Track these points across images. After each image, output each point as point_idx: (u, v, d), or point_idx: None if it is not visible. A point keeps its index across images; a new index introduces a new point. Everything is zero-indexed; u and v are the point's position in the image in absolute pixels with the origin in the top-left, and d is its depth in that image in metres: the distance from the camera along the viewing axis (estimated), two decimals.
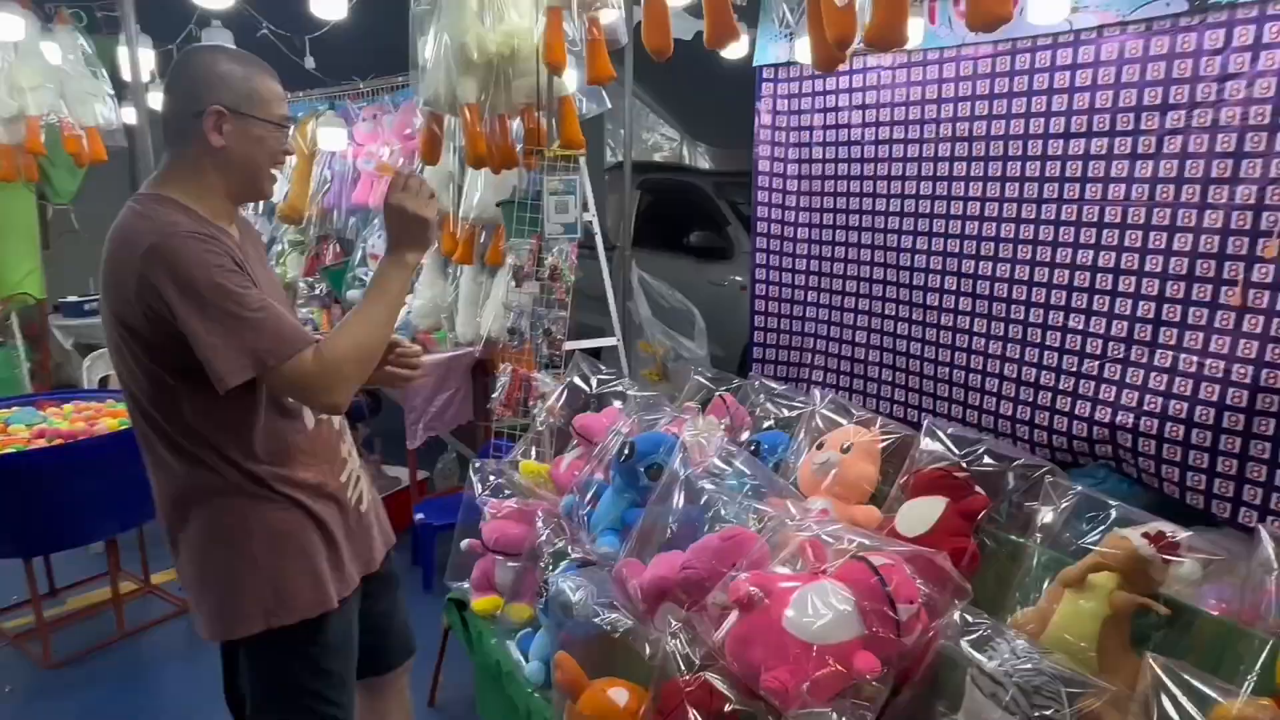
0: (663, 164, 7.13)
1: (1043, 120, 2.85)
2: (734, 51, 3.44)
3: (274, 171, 1.55)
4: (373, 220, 4.23)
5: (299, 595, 1.53)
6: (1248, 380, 2.36)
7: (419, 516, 3.32)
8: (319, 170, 4.48)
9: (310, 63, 3.89)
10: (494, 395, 2.74)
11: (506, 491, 2.43)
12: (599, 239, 3.31)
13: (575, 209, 2.62)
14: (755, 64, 3.70)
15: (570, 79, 2.82)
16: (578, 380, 2.49)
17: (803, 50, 3.29)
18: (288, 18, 3.72)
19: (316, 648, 1.58)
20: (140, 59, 2.78)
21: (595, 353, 3.09)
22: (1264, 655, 1.26)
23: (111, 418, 3.22)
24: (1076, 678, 1.29)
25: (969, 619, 1.44)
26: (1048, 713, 1.26)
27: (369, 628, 1.77)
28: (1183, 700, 1.14)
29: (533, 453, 2.53)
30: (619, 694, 1.70)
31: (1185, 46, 2.44)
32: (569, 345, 2.84)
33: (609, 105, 3.18)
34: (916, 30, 2.83)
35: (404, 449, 3.68)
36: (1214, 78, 2.39)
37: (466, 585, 2.44)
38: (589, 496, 2.18)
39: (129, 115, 3.77)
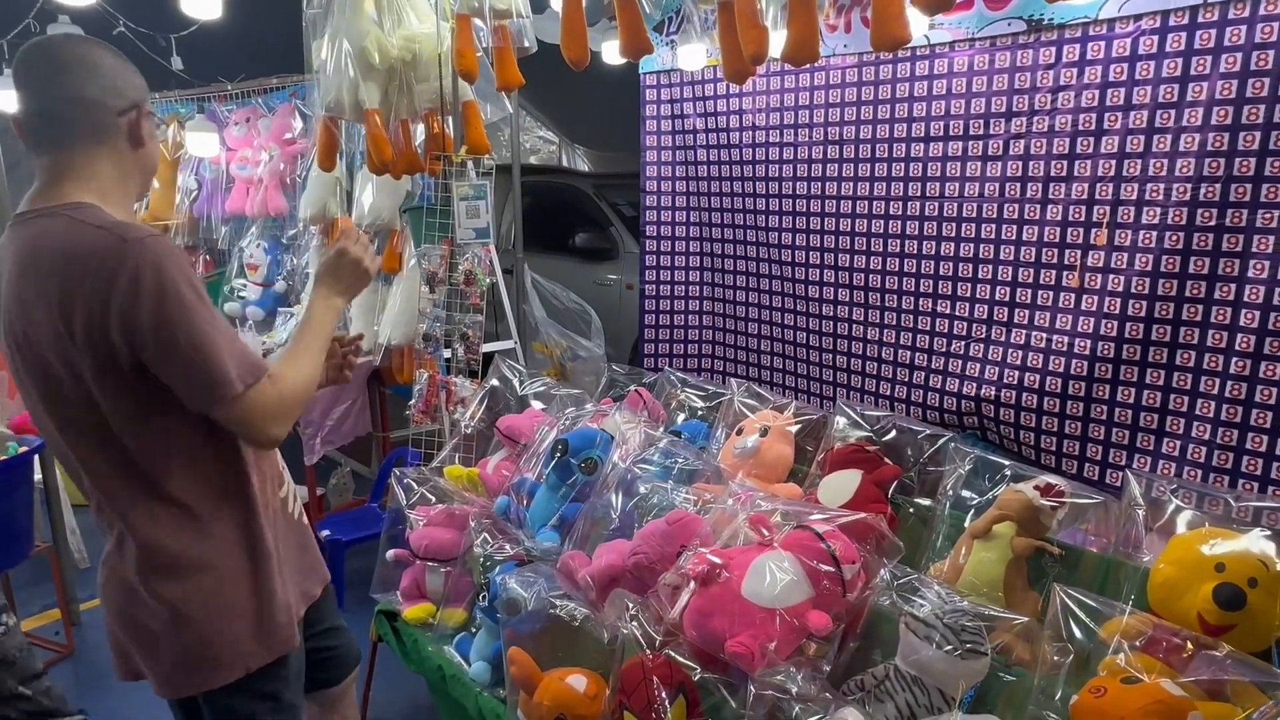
0: (541, 167, 7.17)
1: (904, 124, 3.14)
2: (613, 57, 3.56)
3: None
4: (249, 229, 4.04)
5: (276, 633, 1.48)
6: (1087, 352, 2.72)
7: (325, 533, 3.23)
8: (184, 177, 4.21)
9: (178, 63, 3.66)
10: (410, 403, 2.72)
11: (432, 499, 2.43)
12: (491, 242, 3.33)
13: (486, 214, 2.64)
14: (641, 70, 3.83)
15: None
16: (498, 383, 2.53)
17: (685, 58, 3.46)
18: (151, 15, 3.48)
19: (280, 683, 1.53)
20: None
21: (488, 356, 3.12)
22: (1138, 579, 1.51)
23: None
24: (993, 615, 1.50)
25: (897, 574, 1.63)
26: (972, 646, 1.45)
27: (319, 641, 1.75)
28: (1085, 619, 1.35)
29: (455, 458, 2.54)
30: (578, 681, 1.78)
31: (1024, 61, 2.78)
32: (487, 348, 2.87)
33: (510, 110, 3.21)
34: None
35: (296, 467, 3.55)
36: (1048, 89, 2.73)
37: (395, 596, 2.43)
38: (522, 495, 2.23)
39: None
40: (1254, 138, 2.27)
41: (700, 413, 2.52)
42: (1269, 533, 1.44)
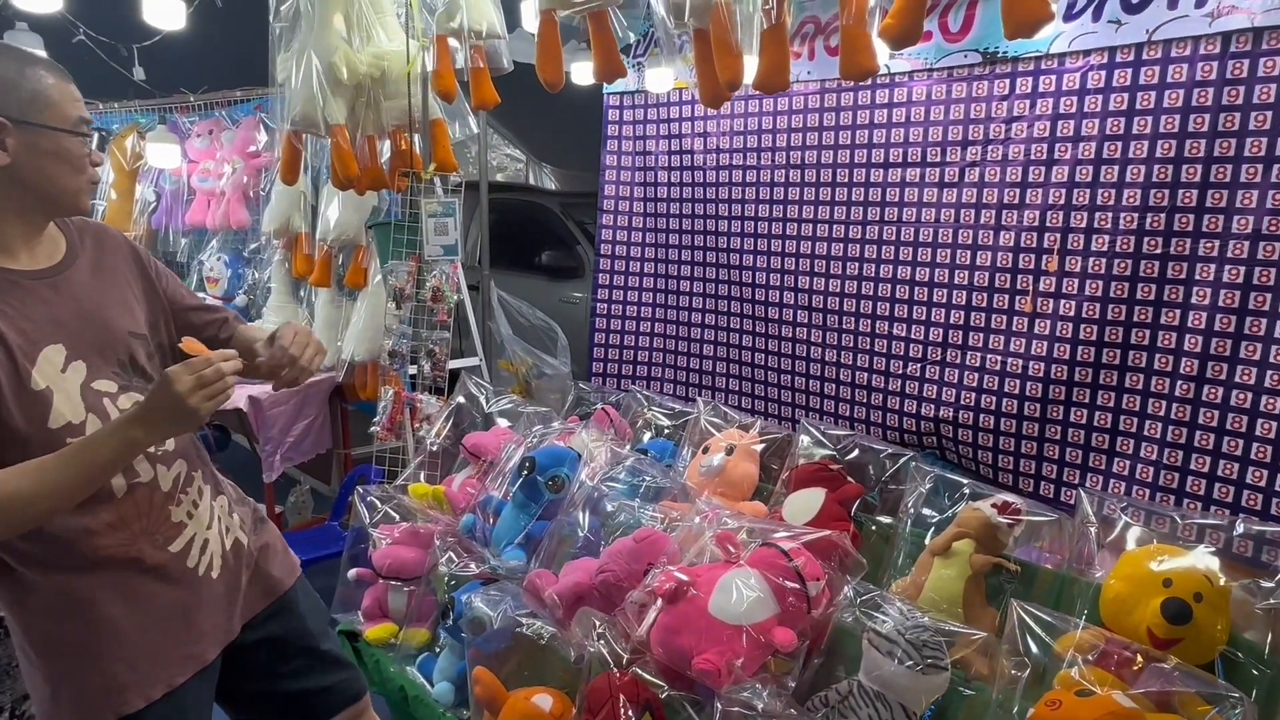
0: (508, 184, 7.17)
1: (864, 150, 3.22)
2: (583, 77, 3.60)
3: (84, 182, 1.32)
4: (209, 242, 3.97)
5: (83, 698, 1.32)
6: (1041, 374, 2.81)
7: None
8: (143, 188, 4.14)
9: (140, 73, 3.60)
10: (375, 420, 2.70)
11: (396, 517, 2.41)
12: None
13: (455, 230, 2.64)
14: (605, 91, 3.87)
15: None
16: (464, 400, 2.52)
17: (653, 80, 3.51)
18: (113, 25, 3.43)
19: None
20: None
21: (454, 373, 3.11)
22: (1090, 595, 1.56)
23: None
24: (953, 630, 1.54)
25: (860, 591, 1.66)
26: (933, 662, 1.48)
27: (274, 694, 1.64)
28: (1041, 634, 1.40)
29: (420, 476, 2.52)
30: (543, 700, 1.77)
31: (979, 92, 2.87)
32: (453, 365, 2.86)
33: (477, 130, 3.22)
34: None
35: (255, 485, 3.49)
36: (1002, 119, 2.83)
37: (357, 616, 2.40)
38: (488, 513, 2.22)
39: None
40: (1196, 170, 2.37)
41: (667, 431, 2.54)
42: (1212, 549, 1.50)
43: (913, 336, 3.18)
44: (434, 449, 2.45)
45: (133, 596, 1.36)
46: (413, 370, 2.85)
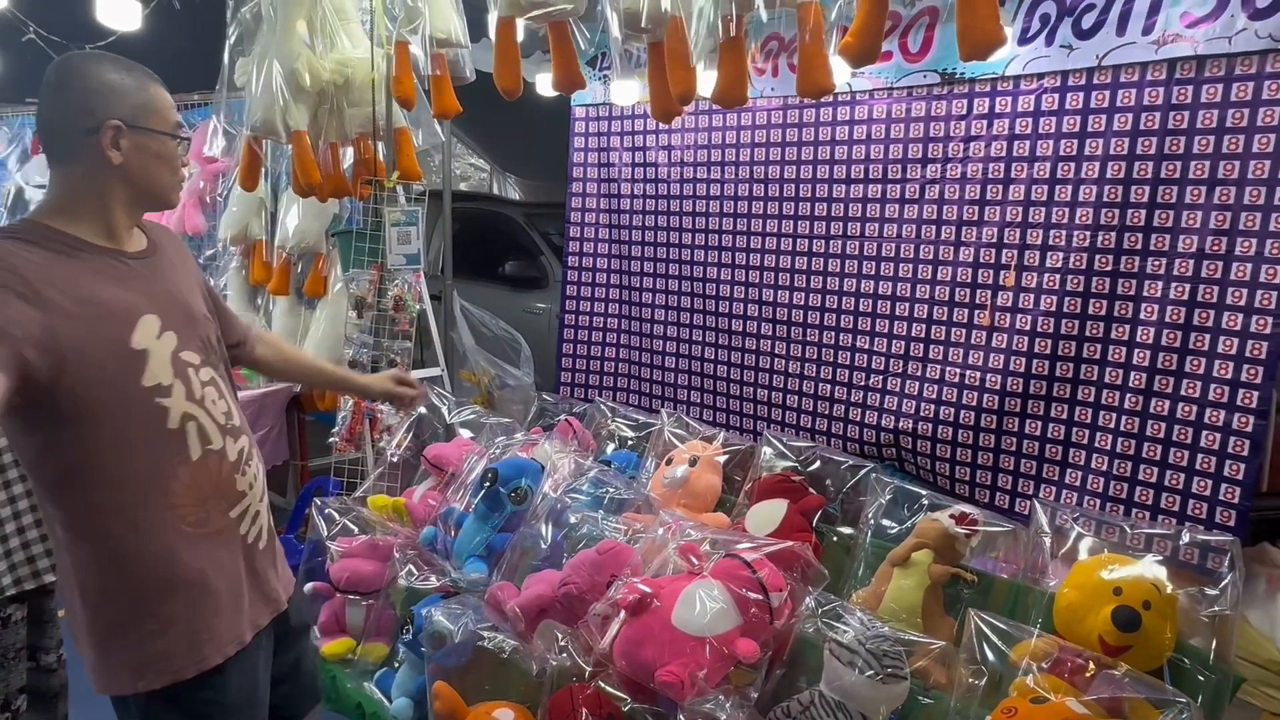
0: (472, 194, 7.13)
1: (826, 166, 3.27)
2: (547, 88, 3.60)
3: (178, 181, 1.51)
4: None
5: (172, 655, 1.42)
6: (997, 387, 2.87)
7: None
8: None
9: None
10: (334, 430, 2.66)
11: (354, 529, 2.38)
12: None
13: (417, 239, 2.62)
14: (572, 103, 3.88)
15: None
16: (425, 411, 2.49)
17: (619, 93, 3.53)
18: (66, 24, 3.33)
19: (211, 706, 1.46)
20: None
21: None
22: (1045, 604, 1.60)
23: None
24: (913, 640, 1.56)
25: (821, 601, 1.67)
26: (893, 671, 1.50)
27: (277, 677, 1.66)
28: (997, 642, 1.42)
29: (380, 488, 2.49)
30: (505, 715, 1.76)
31: (938, 112, 2.94)
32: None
33: (442, 138, 3.20)
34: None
35: None
36: (960, 138, 2.89)
37: (313, 630, 2.35)
38: (449, 525, 2.20)
39: None
40: (1144, 191, 2.45)
41: (630, 442, 2.54)
42: (1160, 558, 1.54)
43: (875, 349, 3.23)
44: (394, 460, 2.42)
45: (205, 556, 1.45)
46: None
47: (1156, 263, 2.45)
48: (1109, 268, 2.54)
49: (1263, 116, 2.20)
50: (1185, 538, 1.69)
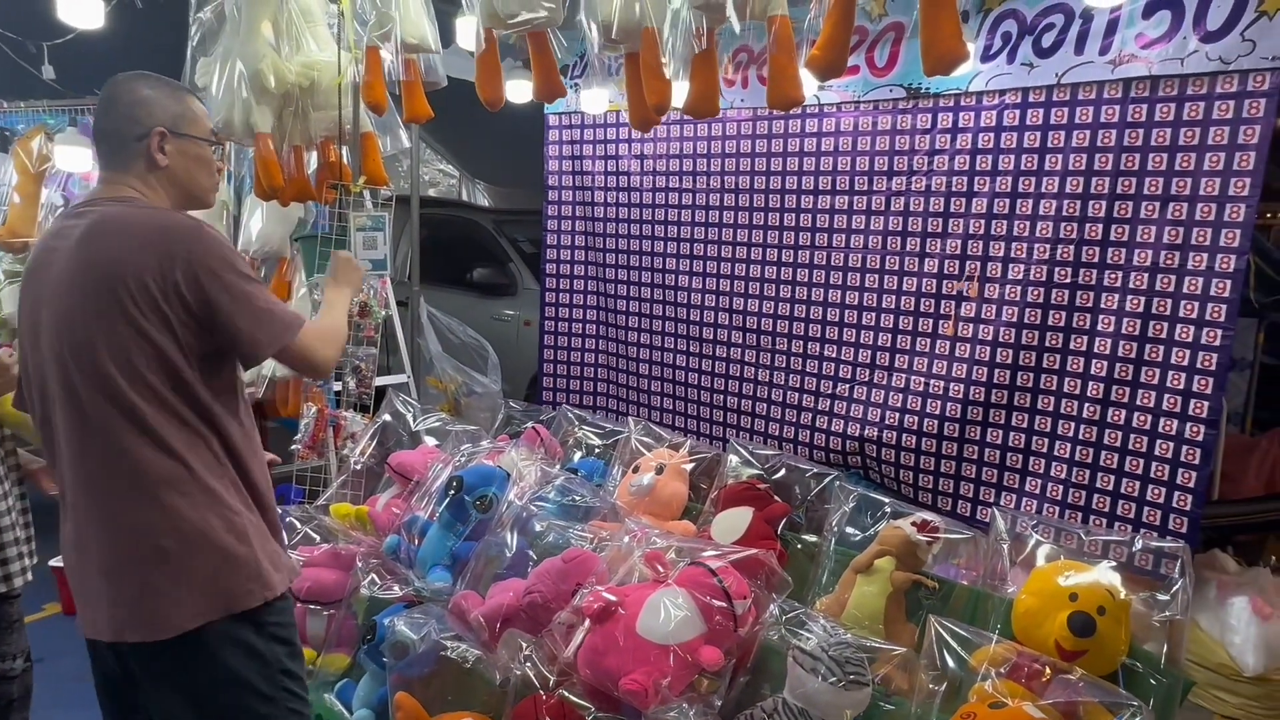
0: (440, 200, 7.08)
1: (795, 177, 3.31)
2: (518, 95, 3.60)
3: (214, 183, 1.66)
4: None
5: (274, 572, 1.53)
6: (960, 396, 2.91)
7: None
8: (50, 192, 3.92)
9: (49, 72, 3.42)
10: (296, 437, 2.62)
11: (316, 538, 2.34)
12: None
13: (384, 245, 2.60)
14: (545, 111, 3.88)
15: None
16: (390, 418, 2.47)
17: (588, 101, 3.54)
18: (23, 20, 3.25)
19: (287, 629, 1.54)
20: None
21: (380, 390, 3.05)
22: (1003, 610, 1.62)
23: None
24: (875, 646, 1.57)
25: (785, 609, 1.68)
26: (855, 678, 1.51)
27: None
28: (957, 648, 1.44)
29: (343, 496, 2.46)
30: None
31: (903, 125, 2.98)
32: (380, 382, 2.79)
33: (409, 144, 3.18)
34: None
35: None
36: (925, 152, 2.94)
37: None
38: (413, 534, 2.18)
39: None
40: (1101, 206, 2.51)
41: (597, 450, 2.54)
42: (1115, 564, 1.58)
43: (841, 357, 3.26)
44: (358, 468, 2.39)
45: (256, 503, 1.56)
46: (337, 387, 2.77)
47: (1113, 275, 2.51)
48: (1068, 280, 2.59)
49: (1213, 135, 2.27)
50: (1139, 544, 1.73)
